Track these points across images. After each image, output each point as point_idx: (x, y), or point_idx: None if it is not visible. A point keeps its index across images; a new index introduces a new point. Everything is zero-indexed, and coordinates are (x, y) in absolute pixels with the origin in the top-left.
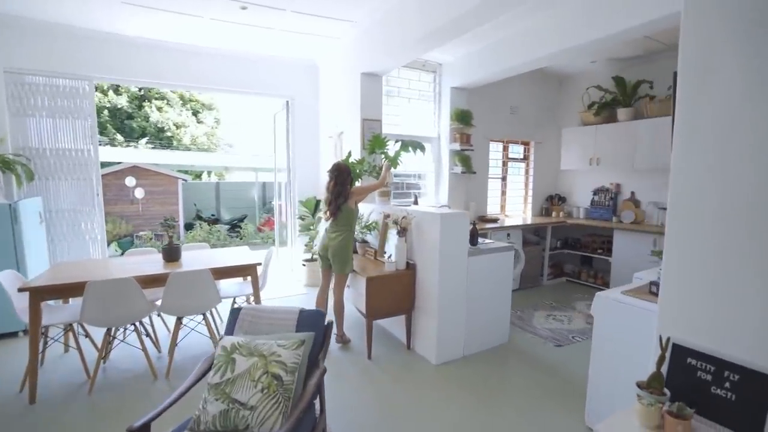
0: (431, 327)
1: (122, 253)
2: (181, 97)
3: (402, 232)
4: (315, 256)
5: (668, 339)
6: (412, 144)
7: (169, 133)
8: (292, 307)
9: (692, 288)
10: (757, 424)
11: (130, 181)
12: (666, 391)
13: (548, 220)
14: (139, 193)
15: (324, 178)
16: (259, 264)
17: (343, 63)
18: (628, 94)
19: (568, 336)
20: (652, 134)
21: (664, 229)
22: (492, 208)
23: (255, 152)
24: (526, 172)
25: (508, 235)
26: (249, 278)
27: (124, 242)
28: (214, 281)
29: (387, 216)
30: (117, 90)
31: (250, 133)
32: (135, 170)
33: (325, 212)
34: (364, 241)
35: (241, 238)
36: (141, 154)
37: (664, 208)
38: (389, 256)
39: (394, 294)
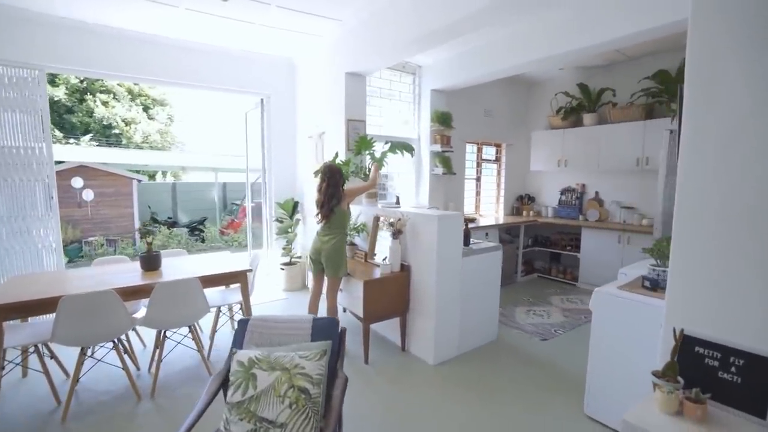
0: (428, 328)
1: (69, 261)
2: (130, 91)
3: (397, 234)
4: (295, 260)
5: (681, 330)
6: (401, 146)
7: (117, 130)
8: (303, 315)
9: (697, 284)
10: (762, 403)
11: (76, 182)
12: (679, 378)
13: (520, 219)
14: (87, 195)
15: (303, 179)
16: (250, 270)
17: (326, 62)
18: (593, 101)
19: (550, 330)
20: (615, 138)
21: (627, 226)
22: (467, 209)
23: (214, 151)
24: (498, 173)
25: (487, 234)
26: (232, 286)
27: (71, 249)
28: (203, 291)
29: (378, 218)
30: (53, 81)
31: (207, 131)
32: (82, 170)
33: (317, 215)
34: (353, 244)
35: (203, 242)
36: (87, 152)
37: (626, 207)
38: (384, 258)
39: (390, 296)
